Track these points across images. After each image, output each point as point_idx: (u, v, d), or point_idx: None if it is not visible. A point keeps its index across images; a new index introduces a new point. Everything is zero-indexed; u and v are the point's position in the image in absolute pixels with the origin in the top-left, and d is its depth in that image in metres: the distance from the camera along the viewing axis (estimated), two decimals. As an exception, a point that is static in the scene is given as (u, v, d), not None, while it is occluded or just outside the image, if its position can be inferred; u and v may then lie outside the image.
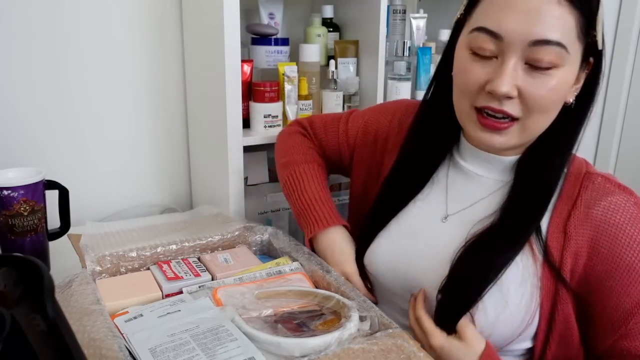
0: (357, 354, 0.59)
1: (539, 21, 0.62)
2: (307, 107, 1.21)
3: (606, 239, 0.68)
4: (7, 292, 0.38)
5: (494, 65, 0.66)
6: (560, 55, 0.63)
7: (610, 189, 0.71)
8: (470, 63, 0.68)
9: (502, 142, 0.70)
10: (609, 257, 0.68)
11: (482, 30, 0.66)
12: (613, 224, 0.68)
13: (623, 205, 0.69)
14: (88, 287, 0.71)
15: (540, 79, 0.64)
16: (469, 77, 0.68)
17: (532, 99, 0.65)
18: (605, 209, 0.69)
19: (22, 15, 1.10)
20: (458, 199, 0.78)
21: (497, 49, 0.65)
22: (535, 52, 0.63)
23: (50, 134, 1.18)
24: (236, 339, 0.62)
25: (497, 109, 0.67)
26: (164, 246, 0.86)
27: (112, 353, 0.56)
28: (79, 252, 0.83)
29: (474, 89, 0.68)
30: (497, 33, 0.64)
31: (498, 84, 0.64)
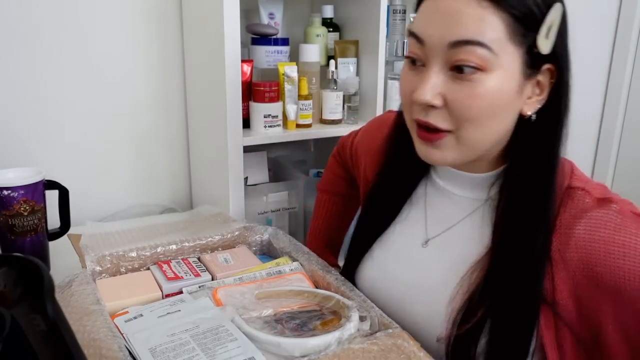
0: (357, 354, 0.59)
1: (457, 22, 0.59)
2: (307, 107, 1.21)
3: (598, 257, 0.62)
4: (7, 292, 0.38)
5: (421, 73, 0.63)
6: (484, 58, 0.59)
7: (588, 204, 0.64)
8: (406, 72, 0.67)
9: (440, 157, 0.65)
10: (609, 273, 0.61)
11: (410, 35, 0.65)
12: (599, 239, 0.62)
13: (603, 218, 0.63)
14: (88, 287, 0.71)
15: (465, 86, 0.60)
16: (403, 87, 0.67)
17: (458, 107, 0.61)
18: (586, 226, 0.63)
19: (22, 15, 1.10)
20: (437, 220, 0.75)
21: (423, 55, 0.63)
22: (456, 54, 0.59)
23: (50, 134, 1.18)
24: (236, 339, 0.62)
25: (423, 120, 0.63)
26: (164, 246, 0.86)
27: (112, 353, 0.56)
28: (79, 252, 0.83)
29: (407, 96, 0.66)
30: (420, 37, 0.62)
31: (419, 92, 0.62)
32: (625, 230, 0.61)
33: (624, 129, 2.06)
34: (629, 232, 0.61)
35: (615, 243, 0.61)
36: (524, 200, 0.66)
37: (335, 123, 1.27)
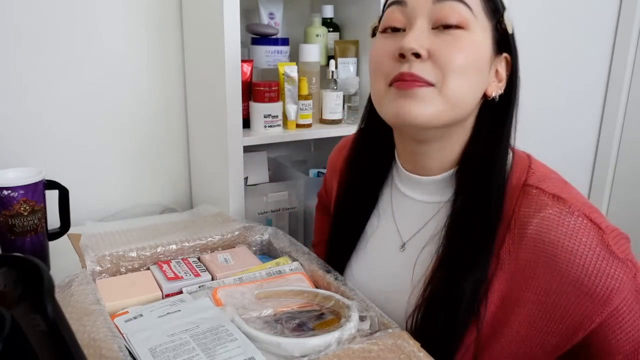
0: (357, 354, 0.59)
1: None
2: (307, 107, 1.21)
3: (545, 259, 0.62)
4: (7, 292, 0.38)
5: (403, 35, 0.65)
6: (465, 15, 0.63)
7: (544, 202, 0.63)
8: (382, 41, 0.68)
9: (418, 111, 0.63)
10: (550, 277, 0.62)
11: (389, 5, 0.67)
12: (549, 241, 0.61)
13: (557, 219, 0.62)
14: (88, 287, 0.71)
15: (449, 38, 0.63)
16: (381, 52, 0.67)
17: (442, 57, 0.62)
18: (538, 226, 0.62)
19: (22, 15, 1.10)
20: (407, 225, 0.77)
21: (405, 18, 0.66)
22: (440, 8, 0.63)
23: (50, 134, 1.18)
24: (236, 339, 0.62)
25: (407, 72, 0.63)
26: (164, 246, 0.86)
27: (112, 353, 0.56)
28: (79, 252, 0.83)
29: (385, 60, 0.66)
30: (401, 0, 0.65)
31: (404, 42, 0.63)
32: (577, 237, 0.61)
33: (624, 129, 2.06)
34: (580, 240, 0.60)
35: (564, 248, 0.61)
36: (472, 198, 0.67)
37: (335, 123, 1.27)
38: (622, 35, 1.99)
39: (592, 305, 0.60)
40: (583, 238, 0.61)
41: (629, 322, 0.61)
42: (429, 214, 0.74)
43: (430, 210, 0.74)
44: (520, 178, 0.67)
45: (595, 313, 0.60)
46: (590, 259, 0.60)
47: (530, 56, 1.98)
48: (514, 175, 0.67)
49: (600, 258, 0.60)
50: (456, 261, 0.67)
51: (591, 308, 0.60)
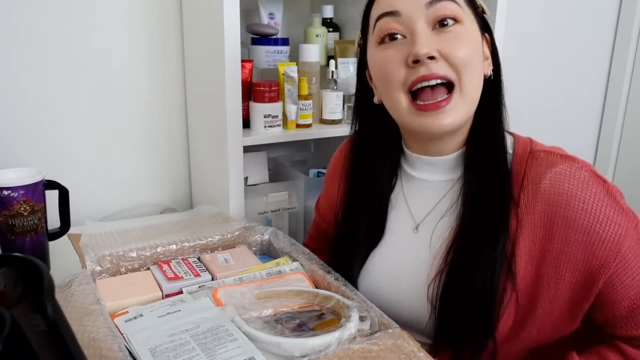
0: (357, 354, 0.59)
1: None
2: (307, 107, 1.21)
3: (560, 209, 0.67)
4: (7, 292, 0.38)
5: (406, 42, 0.68)
6: (457, 11, 0.67)
7: (554, 161, 0.69)
8: (384, 52, 0.70)
9: (451, 121, 0.68)
10: (566, 225, 0.67)
11: (380, 17, 0.70)
12: (563, 192, 0.67)
13: (569, 173, 0.68)
14: (88, 287, 0.71)
15: (451, 36, 0.67)
16: (388, 62, 0.70)
17: (453, 55, 0.67)
18: (552, 180, 0.68)
19: (22, 15, 1.10)
20: (420, 207, 0.79)
21: (402, 27, 0.68)
22: (435, 11, 0.67)
23: (50, 134, 1.18)
24: (236, 339, 0.62)
25: (429, 74, 0.67)
26: (164, 246, 0.86)
27: (112, 353, 0.56)
28: (79, 252, 0.83)
29: (396, 69, 0.69)
30: (394, 11, 0.68)
31: (417, 48, 0.66)
32: (588, 188, 0.67)
33: (624, 128, 2.06)
34: (591, 191, 0.66)
35: (577, 198, 0.66)
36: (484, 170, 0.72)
37: (335, 123, 1.27)
38: (622, 35, 1.99)
39: (606, 252, 0.65)
40: (593, 189, 0.67)
41: (634, 268, 0.66)
42: (442, 192, 0.77)
43: (443, 188, 0.77)
44: (526, 149, 0.73)
45: (609, 259, 0.65)
46: (600, 207, 0.66)
47: (530, 56, 1.99)
48: (519, 147, 0.73)
49: (609, 207, 0.66)
50: (477, 226, 0.71)
51: (605, 255, 0.65)
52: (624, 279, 0.66)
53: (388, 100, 0.73)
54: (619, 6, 1.98)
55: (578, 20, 1.92)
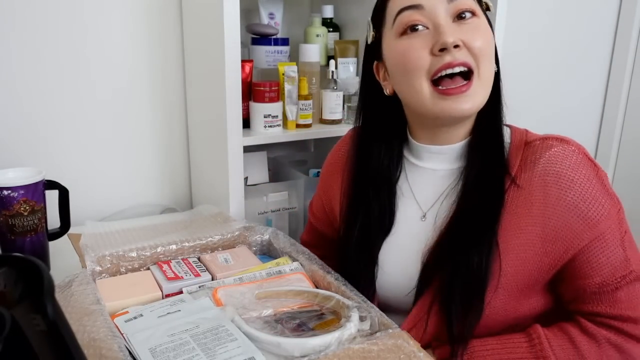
0: (357, 354, 0.59)
1: None
2: (307, 107, 1.21)
3: (551, 188, 0.71)
4: (7, 292, 0.38)
5: (429, 33, 0.71)
6: (473, 5, 0.72)
7: (550, 144, 0.74)
8: (406, 42, 0.73)
9: (471, 105, 0.72)
10: (555, 202, 0.71)
11: (402, 11, 0.72)
12: (554, 172, 0.72)
13: (562, 154, 0.73)
14: (88, 287, 0.71)
15: (471, 27, 0.71)
16: (413, 52, 0.72)
17: (475, 44, 0.71)
18: (546, 161, 0.73)
19: (22, 15, 1.10)
20: (426, 195, 0.82)
21: (425, 19, 0.71)
22: (455, 5, 0.71)
23: (50, 134, 1.18)
24: (236, 339, 0.62)
25: (454, 61, 0.70)
26: (164, 246, 0.86)
27: (112, 353, 0.56)
28: (79, 251, 0.83)
29: (420, 58, 0.72)
30: (417, 4, 0.71)
31: (443, 38, 0.69)
32: (578, 169, 0.72)
33: (624, 128, 2.06)
34: (581, 172, 0.71)
35: (567, 177, 0.71)
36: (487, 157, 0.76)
37: (335, 123, 1.27)
38: (622, 35, 1.99)
39: (583, 226, 0.70)
40: (583, 170, 0.71)
41: (610, 248, 0.71)
42: (447, 180, 0.80)
43: (449, 176, 0.80)
44: (522, 139, 0.77)
45: (584, 233, 0.70)
46: (587, 187, 0.71)
47: (530, 56, 1.98)
48: (515, 137, 0.78)
49: (596, 189, 0.71)
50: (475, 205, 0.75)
51: (581, 229, 0.70)
52: (599, 256, 0.71)
53: (408, 87, 0.75)
54: (619, 6, 1.98)
55: (578, 20, 1.92)
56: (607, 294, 0.71)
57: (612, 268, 0.71)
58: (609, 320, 0.72)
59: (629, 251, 0.72)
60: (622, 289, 0.71)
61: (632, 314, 0.71)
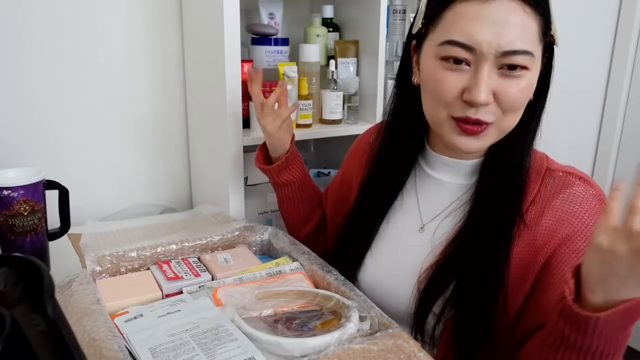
0: (357, 354, 0.59)
1: (507, 32, 0.64)
2: (307, 107, 1.21)
3: (565, 227, 0.70)
4: (7, 292, 0.38)
5: (468, 73, 0.67)
6: (529, 61, 0.66)
7: (571, 181, 0.72)
8: (443, 72, 0.68)
9: (480, 146, 0.71)
10: (564, 241, 0.69)
11: (453, 43, 0.66)
12: (571, 212, 0.70)
13: (582, 196, 0.71)
14: (88, 287, 0.71)
15: (512, 82, 0.67)
16: (444, 86, 0.68)
17: (506, 101, 0.67)
18: (564, 200, 0.71)
19: (22, 15, 1.10)
20: (430, 207, 0.80)
21: (470, 57, 0.66)
22: (506, 60, 0.65)
23: (50, 134, 1.18)
24: (236, 339, 0.62)
25: (474, 118, 0.68)
26: (164, 246, 0.86)
27: (112, 353, 0.56)
28: (79, 251, 0.83)
29: (450, 98, 0.69)
30: (469, 45, 0.65)
31: (476, 94, 0.66)
32: (595, 216, 0.70)
33: (624, 128, 2.06)
34: (595, 219, 0.69)
35: (582, 220, 0.70)
36: (504, 178, 0.74)
37: (335, 123, 1.27)
38: (622, 35, 1.99)
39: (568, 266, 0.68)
40: (597, 219, 0.67)
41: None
42: (455, 195, 0.79)
43: (457, 191, 0.79)
44: (542, 165, 0.75)
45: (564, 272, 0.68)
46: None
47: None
48: (535, 162, 0.75)
49: None
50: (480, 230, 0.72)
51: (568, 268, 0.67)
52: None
53: (429, 109, 0.73)
54: (619, 6, 1.98)
55: (578, 20, 1.92)
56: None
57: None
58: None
59: None
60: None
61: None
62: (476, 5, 0.64)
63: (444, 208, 0.79)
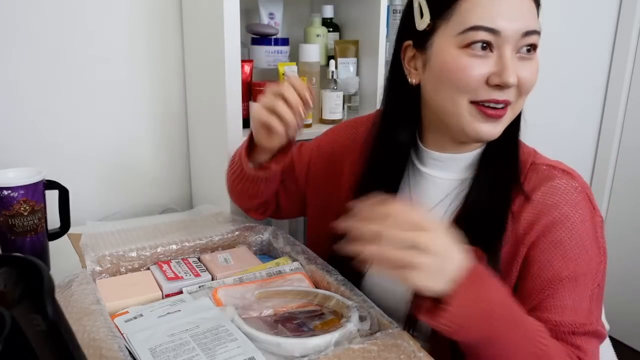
0: (357, 354, 0.59)
1: (523, 14, 0.68)
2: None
3: (544, 218, 0.71)
4: (7, 292, 0.38)
5: (492, 58, 0.68)
6: (538, 41, 0.70)
7: (554, 175, 0.73)
8: (467, 60, 0.69)
9: (499, 131, 0.72)
10: (543, 232, 0.70)
11: (477, 28, 0.67)
12: (551, 203, 0.71)
13: (563, 188, 0.72)
14: (88, 287, 0.71)
15: (528, 64, 0.70)
16: (470, 73, 0.69)
17: (526, 83, 0.70)
18: (545, 192, 0.72)
19: (22, 15, 1.10)
20: (424, 203, 0.80)
21: (495, 41, 0.68)
22: (525, 41, 0.68)
23: (50, 134, 1.18)
24: (236, 339, 0.62)
25: (502, 99, 0.69)
26: (164, 246, 0.86)
27: (112, 353, 0.56)
28: (79, 252, 0.83)
29: (476, 84, 0.69)
30: (495, 29, 0.67)
31: (507, 75, 0.67)
32: (575, 208, 0.71)
33: (624, 129, 2.06)
34: (577, 211, 0.70)
35: (561, 212, 0.70)
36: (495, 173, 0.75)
37: (336, 123, 1.27)
38: (622, 35, 1.99)
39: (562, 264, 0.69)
40: (580, 210, 0.70)
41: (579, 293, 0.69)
42: (448, 190, 0.79)
43: (450, 187, 0.79)
44: (528, 159, 0.76)
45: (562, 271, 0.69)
46: (578, 228, 0.70)
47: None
48: (522, 156, 0.76)
49: (586, 233, 0.70)
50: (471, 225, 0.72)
51: (560, 267, 0.69)
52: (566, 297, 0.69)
53: (446, 99, 0.72)
54: (619, 6, 1.98)
55: (578, 20, 1.92)
56: (563, 334, 0.69)
57: (575, 313, 0.69)
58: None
59: (594, 305, 0.70)
60: (578, 336, 0.69)
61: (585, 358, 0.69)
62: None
63: (436, 204, 0.79)
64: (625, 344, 2.15)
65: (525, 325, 0.64)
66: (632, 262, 2.04)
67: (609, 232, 0.73)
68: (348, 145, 0.91)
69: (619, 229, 2.05)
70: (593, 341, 0.70)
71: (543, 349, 0.63)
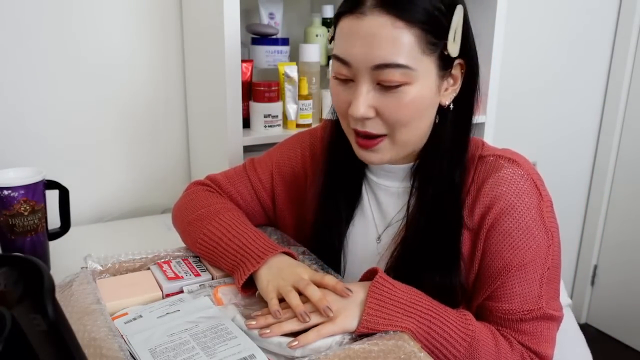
0: (357, 354, 0.59)
1: (377, 46, 0.64)
2: (307, 107, 1.21)
3: (493, 209, 0.71)
4: (7, 292, 0.38)
5: (352, 88, 0.69)
6: (406, 74, 0.65)
7: (500, 164, 0.73)
8: (336, 87, 0.72)
9: (379, 158, 0.72)
10: (492, 224, 0.71)
11: (335, 58, 0.69)
12: (498, 194, 0.71)
13: (509, 177, 0.72)
14: (88, 287, 0.71)
15: (393, 97, 0.67)
16: (337, 101, 0.72)
17: (389, 116, 0.68)
18: (492, 183, 0.72)
19: (22, 15, 1.10)
20: (382, 215, 0.81)
21: (350, 74, 0.68)
22: (381, 74, 0.65)
23: (50, 134, 1.18)
24: (236, 336, 0.62)
25: (361, 130, 0.70)
26: (164, 246, 0.86)
27: (112, 353, 0.56)
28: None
29: (342, 109, 0.71)
30: (345, 60, 0.67)
31: (353, 108, 0.67)
32: (520, 197, 0.71)
33: (624, 128, 2.06)
34: (522, 200, 0.71)
35: (507, 202, 0.71)
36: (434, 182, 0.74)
37: (335, 123, 1.27)
38: (622, 35, 1.99)
39: (511, 255, 0.70)
40: (525, 198, 0.71)
41: (528, 280, 0.71)
42: (403, 199, 0.79)
43: (402, 195, 0.79)
44: (475, 153, 0.76)
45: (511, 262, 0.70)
46: (524, 217, 0.70)
47: (529, 57, 1.98)
48: (469, 152, 0.75)
49: (532, 220, 0.70)
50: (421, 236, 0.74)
51: (509, 257, 0.70)
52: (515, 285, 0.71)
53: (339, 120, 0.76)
54: (618, 6, 1.98)
55: (578, 20, 1.92)
56: (511, 322, 0.72)
57: (523, 300, 0.71)
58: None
59: (545, 287, 0.71)
60: (526, 322, 0.71)
61: (534, 347, 0.71)
62: (352, 22, 0.66)
63: (394, 213, 0.80)
64: (625, 343, 2.15)
65: (446, 314, 0.67)
66: (632, 261, 2.04)
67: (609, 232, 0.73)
68: (307, 161, 0.89)
69: (619, 229, 2.05)
70: (543, 324, 0.72)
71: (469, 334, 0.66)
